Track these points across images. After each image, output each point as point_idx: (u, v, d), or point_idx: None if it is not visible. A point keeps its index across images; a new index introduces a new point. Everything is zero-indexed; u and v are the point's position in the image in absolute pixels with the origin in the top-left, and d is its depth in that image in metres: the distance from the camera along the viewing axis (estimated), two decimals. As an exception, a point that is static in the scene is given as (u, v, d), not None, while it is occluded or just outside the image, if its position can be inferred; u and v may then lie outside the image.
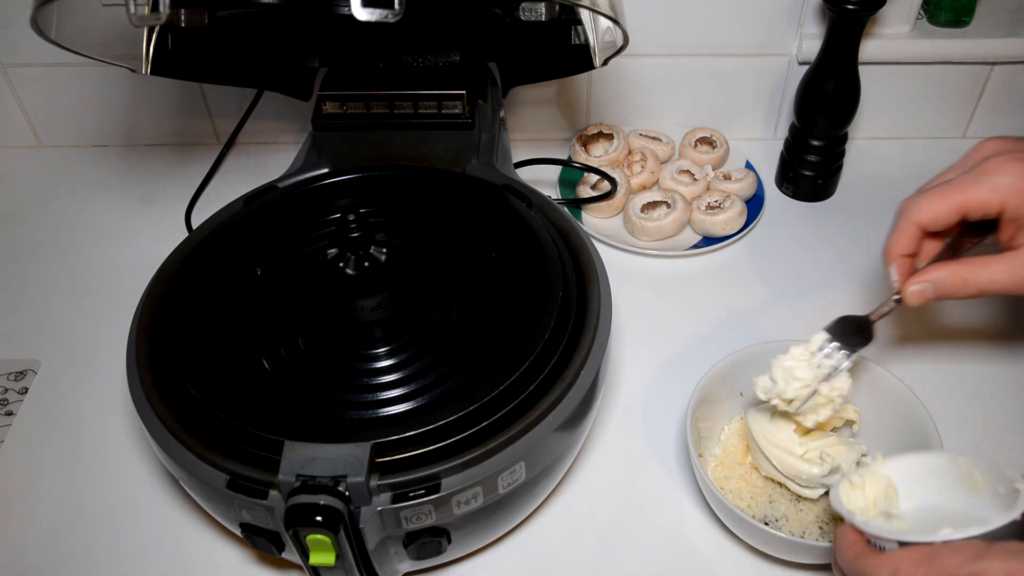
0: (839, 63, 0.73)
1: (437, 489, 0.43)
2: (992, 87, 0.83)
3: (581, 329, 0.50)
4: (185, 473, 0.45)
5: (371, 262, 0.48)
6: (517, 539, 0.56)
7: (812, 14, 0.78)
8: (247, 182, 0.82)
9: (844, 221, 0.79)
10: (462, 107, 0.63)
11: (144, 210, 0.82)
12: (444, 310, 0.53)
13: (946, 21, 0.80)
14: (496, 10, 0.65)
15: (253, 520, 0.44)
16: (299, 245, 0.59)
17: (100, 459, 0.61)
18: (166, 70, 0.62)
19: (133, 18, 0.51)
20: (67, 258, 0.78)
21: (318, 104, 0.63)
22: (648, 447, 0.61)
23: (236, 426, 0.44)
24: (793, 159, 0.79)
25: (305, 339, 0.52)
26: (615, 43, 0.57)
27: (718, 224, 0.74)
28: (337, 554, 0.42)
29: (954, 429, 0.60)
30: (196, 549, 0.56)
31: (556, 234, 0.57)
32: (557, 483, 0.54)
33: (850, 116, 0.76)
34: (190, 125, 0.87)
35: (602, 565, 0.55)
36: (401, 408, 0.47)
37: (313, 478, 0.41)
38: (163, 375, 0.49)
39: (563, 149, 0.87)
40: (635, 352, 0.67)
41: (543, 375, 0.47)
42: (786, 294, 0.72)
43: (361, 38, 0.67)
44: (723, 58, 0.81)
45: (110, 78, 0.83)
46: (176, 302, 0.52)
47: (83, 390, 0.66)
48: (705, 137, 0.83)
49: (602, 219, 0.78)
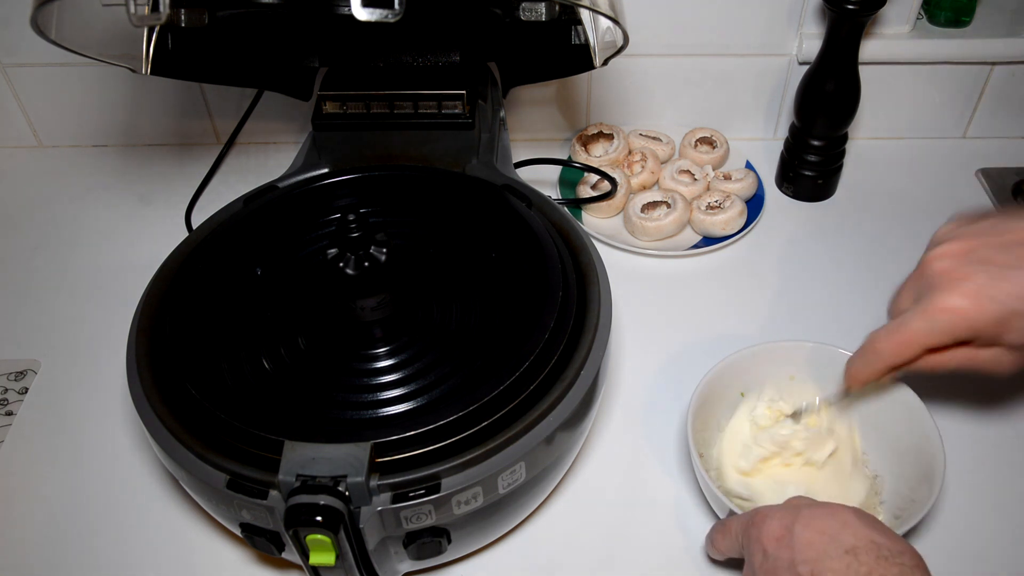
0: (839, 63, 0.73)
1: (437, 489, 0.43)
2: (992, 87, 0.83)
3: (581, 329, 0.50)
4: (185, 473, 0.45)
5: (371, 262, 0.48)
6: (517, 539, 0.56)
7: (812, 14, 0.78)
8: (247, 182, 0.82)
9: (844, 221, 0.79)
10: (462, 107, 0.63)
11: (144, 210, 0.82)
12: (444, 310, 0.53)
13: (946, 21, 0.80)
14: (496, 10, 0.65)
15: (253, 520, 0.44)
16: (299, 245, 0.59)
17: (100, 459, 0.61)
18: (166, 70, 0.62)
19: (133, 18, 0.51)
20: (67, 258, 0.78)
21: (318, 104, 0.63)
22: (648, 447, 0.61)
23: (236, 426, 0.44)
24: (793, 159, 0.79)
25: (305, 339, 0.52)
26: (615, 43, 0.57)
27: (718, 224, 0.74)
28: (337, 554, 0.42)
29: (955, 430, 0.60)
30: (196, 549, 0.56)
31: (556, 234, 0.57)
32: (557, 483, 0.54)
33: (850, 116, 0.76)
34: (190, 125, 0.87)
35: (602, 565, 0.55)
36: (401, 408, 0.47)
37: (313, 478, 0.41)
38: (163, 375, 0.49)
39: (563, 149, 0.87)
40: (635, 352, 0.67)
41: (543, 375, 0.47)
42: (786, 294, 0.72)
43: (361, 38, 0.67)
44: (723, 58, 0.81)
45: (110, 78, 0.83)
46: (176, 302, 0.52)
47: (83, 390, 0.66)
48: (705, 137, 0.83)
49: (602, 219, 0.78)
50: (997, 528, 0.56)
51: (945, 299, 0.47)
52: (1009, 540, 0.55)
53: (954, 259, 0.48)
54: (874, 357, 0.51)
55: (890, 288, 0.71)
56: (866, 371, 0.52)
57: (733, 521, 0.49)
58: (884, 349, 0.50)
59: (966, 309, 0.46)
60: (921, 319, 0.47)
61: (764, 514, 0.45)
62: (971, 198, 0.81)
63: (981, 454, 0.59)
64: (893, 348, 0.49)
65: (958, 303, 0.46)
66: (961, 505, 0.57)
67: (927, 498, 0.50)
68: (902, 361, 0.50)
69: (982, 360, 0.49)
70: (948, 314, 0.46)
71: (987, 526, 0.56)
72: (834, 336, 0.61)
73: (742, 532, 0.47)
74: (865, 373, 0.52)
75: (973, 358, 0.49)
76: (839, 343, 0.57)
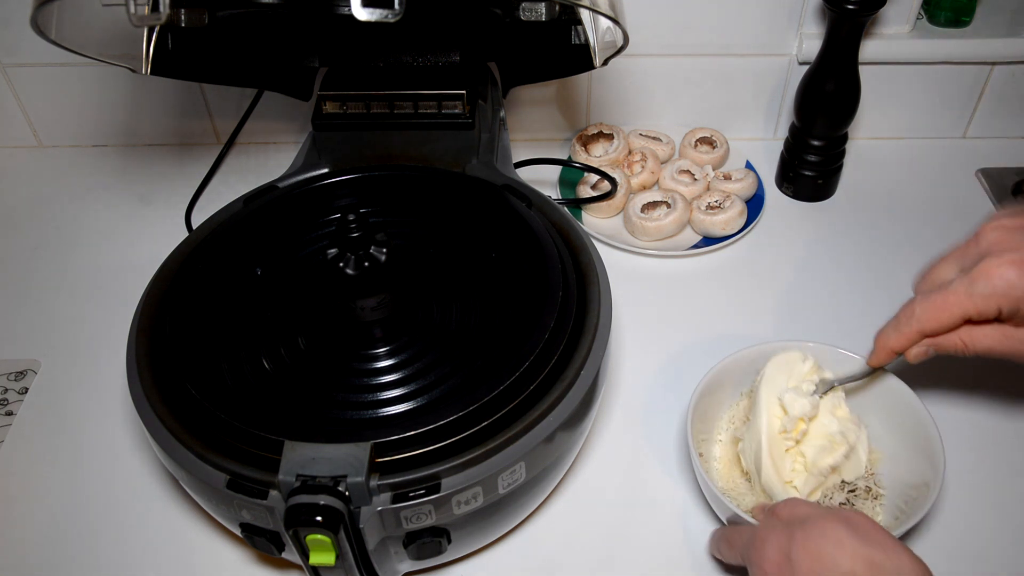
0: (839, 63, 0.73)
1: (437, 489, 0.43)
2: (992, 87, 0.83)
3: (581, 329, 0.50)
4: (185, 473, 0.45)
5: (371, 262, 0.48)
6: (517, 539, 0.56)
7: (812, 14, 0.78)
8: (247, 182, 0.82)
9: (844, 221, 0.79)
10: (462, 107, 0.63)
11: (144, 210, 0.82)
12: (444, 310, 0.53)
13: (946, 21, 0.80)
14: (496, 10, 0.65)
15: (253, 520, 0.44)
16: (299, 245, 0.59)
17: (100, 459, 0.61)
18: (166, 70, 0.62)
19: (133, 18, 0.51)
20: (67, 258, 0.78)
21: (318, 104, 0.63)
22: (648, 447, 0.61)
23: (236, 426, 0.44)
24: (793, 159, 0.79)
25: (305, 339, 0.52)
26: (615, 43, 0.57)
27: (718, 224, 0.74)
28: (337, 554, 0.42)
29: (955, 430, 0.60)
30: (196, 549, 0.56)
31: (556, 234, 0.57)
32: (557, 483, 0.54)
33: (850, 116, 0.76)
34: (190, 125, 0.87)
35: (602, 565, 0.55)
36: (401, 408, 0.47)
37: (313, 478, 0.41)
38: (163, 375, 0.49)
39: (563, 149, 0.88)
40: (635, 352, 0.67)
41: (543, 375, 0.47)
42: (786, 294, 0.72)
43: (361, 38, 0.67)
44: (723, 58, 0.81)
45: (110, 78, 0.83)
46: (176, 302, 0.52)
47: (83, 390, 0.66)
48: (705, 137, 0.83)
49: (602, 219, 0.78)
50: (997, 528, 0.56)
51: (993, 266, 0.46)
52: (1009, 540, 0.55)
53: (1008, 231, 0.47)
54: (909, 322, 0.49)
55: (890, 288, 0.71)
56: (898, 338, 0.50)
57: (736, 536, 0.48)
58: (922, 313, 0.48)
59: (1013, 278, 0.45)
60: (964, 284, 0.47)
61: (762, 537, 0.45)
62: (971, 198, 0.81)
63: (981, 454, 0.59)
64: (932, 312, 0.48)
65: (1006, 271, 0.45)
66: (961, 505, 0.57)
67: (927, 498, 0.50)
68: (939, 328, 0.48)
69: (1016, 341, 0.47)
70: (994, 280, 0.46)
71: (987, 526, 0.56)
72: (834, 336, 0.61)
73: (743, 552, 0.47)
74: (897, 340, 0.50)
75: (1009, 338, 0.47)
76: (839, 343, 0.57)
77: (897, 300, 0.52)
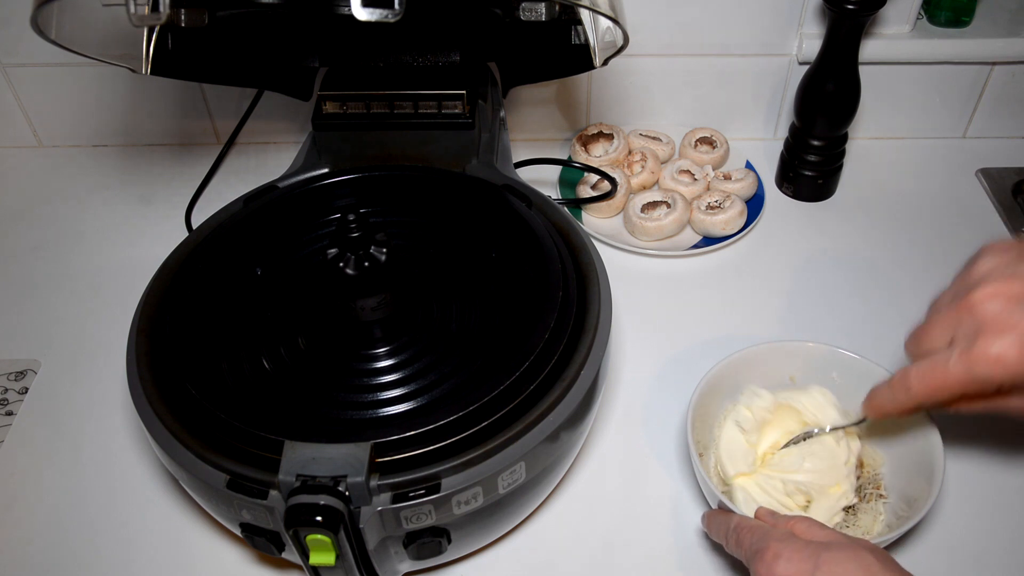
0: (839, 63, 0.73)
1: (437, 489, 0.43)
2: (992, 87, 0.83)
3: (581, 329, 0.50)
4: (185, 473, 0.45)
5: (371, 262, 0.48)
6: (517, 539, 0.56)
7: (812, 14, 0.78)
8: (247, 182, 0.82)
9: (844, 221, 0.79)
10: (462, 107, 0.63)
11: (144, 210, 0.82)
12: (444, 310, 0.53)
13: (946, 21, 0.80)
14: (496, 10, 0.65)
15: (253, 520, 0.44)
16: (299, 245, 0.59)
17: (100, 459, 0.61)
18: (166, 70, 0.62)
19: (133, 18, 0.51)
20: (67, 258, 0.78)
21: (318, 104, 0.63)
22: (648, 447, 0.61)
23: (236, 426, 0.44)
24: (793, 159, 0.79)
25: (305, 339, 0.52)
26: (615, 43, 0.57)
27: (718, 224, 0.74)
28: (337, 554, 0.42)
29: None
30: (196, 549, 0.56)
31: (556, 234, 0.57)
32: (557, 483, 0.54)
33: (850, 116, 0.76)
34: (190, 125, 0.87)
35: (602, 565, 0.55)
36: (401, 408, 0.47)
37: (313, 478, 0.41)
38: (163, 375, 0.49)
39: (563, 149, 0.87)
40: (635, 352, 0.67)
41: (543, 375, 0.47)
42: (786, 294, 0.72)
43: (361, 38, 0.67)
44: (723, 58, 0.81)
45: (110, 78, 0.83)
46: (176, 302, 0.52)
47: (83, 390, 0.66)
48: (705, 137, 0.83)
49: (602, 219, 0.78)
50: (997, 528, 0.56)
51: (994, 347, 0.43)
52: (1009, 540, 0.55)
53: (1007, 302, 0.44)
54: (904, 395, 0.48)
55: (889, 288, 0.71)
56: (892, 407, 0.49)
57: (746, 536, 0.46)
58: (917, 389, 0.47)
59: (1013, 361, 0.43)
60: (963, 364, 0.44)
61: (775, 551, 0.43)
62: (971, 198, 0.81)
63: (981, 454, 0.59)
64: (927, 390, 0.46)
65: (1009, 354, 0.43)
66: (961, 505, 0.57)
67: (927, 498, 0.50)
68: (934, 403, 0.47)
69: (1012, 406, 0.46)
70: (994, 364, 0.43)
71: (987, 526, 0.56)
72: (834, 336, 0.61)
73: (749, 555, 0.45)
74: (890, 408, 0.49)
75: (1003, 404, 0.46)
76: (839, 343, 0.57)
77: (897, 300, 0.52)
